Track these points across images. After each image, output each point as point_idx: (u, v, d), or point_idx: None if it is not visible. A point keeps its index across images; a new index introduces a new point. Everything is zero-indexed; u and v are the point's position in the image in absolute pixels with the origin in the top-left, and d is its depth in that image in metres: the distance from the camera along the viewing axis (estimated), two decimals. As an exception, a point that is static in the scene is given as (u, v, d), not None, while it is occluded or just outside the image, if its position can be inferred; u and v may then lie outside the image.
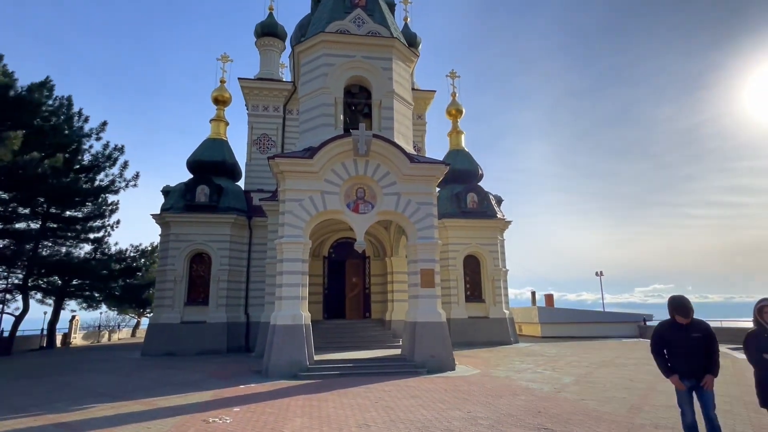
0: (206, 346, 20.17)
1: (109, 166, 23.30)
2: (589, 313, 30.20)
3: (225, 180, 23.15)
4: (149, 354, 19.91)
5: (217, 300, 20.99)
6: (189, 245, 21.23)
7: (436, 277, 14.39)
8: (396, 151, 14.51)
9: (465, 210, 23.82)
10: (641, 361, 15.52)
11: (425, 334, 13.69)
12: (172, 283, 20.86)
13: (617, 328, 28.54)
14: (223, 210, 21.73)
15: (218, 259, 21.19)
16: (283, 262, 13.70)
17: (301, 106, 16.43)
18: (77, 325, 31.70)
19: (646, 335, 27.48)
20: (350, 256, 20.22)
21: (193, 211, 21.48)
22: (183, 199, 21.78)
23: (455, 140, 26.88)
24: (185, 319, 20.76)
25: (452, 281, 22.95)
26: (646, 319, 28.75)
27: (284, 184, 14.30)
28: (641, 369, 13.69)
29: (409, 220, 14.53)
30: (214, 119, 24.81)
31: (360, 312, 19.97)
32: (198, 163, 23.25)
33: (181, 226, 21.33)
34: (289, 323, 13.17)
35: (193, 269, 21.63)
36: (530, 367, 14.50)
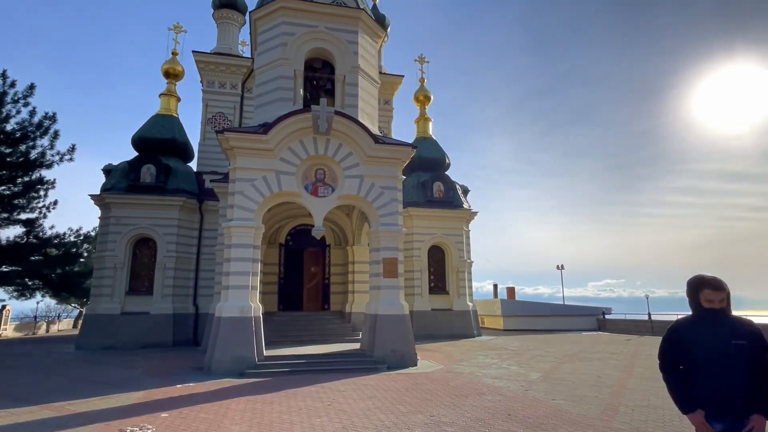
0: (149, 339, 18.52)
1: (39, 136, 20.81)
2: (550, 306, 30.29)
3: (175, 160, 21.32)
4: (85, 347, 18.05)
5: (163, 289, 19.30)
6: (132, 229, 19.37)
7: (399, 266, 13.44)
8: (360, 130, 13.39)
9: (431, 199, 23.02)
10: (605, 356, 15.21)
11: (386, 328, 12.73)
12: (112, 271, 18.99)
13: (577, 321, 28.71)
14: (171, 192, 19.96)
15: (164, 245, 19.45)
16: (231, 248, 12.37)
17: (257, 79, 14.99)
18: (8, 316, 28.92)
19: (605, 328, 27.79)
20: (309, 245, 18.98)
21: (138, 193, 19.63)
22: (126, 179, 19.85)
23: (422, 127, 25.98)
24: (126, 309, 18.98)
25: (416, 272, 22.16)
26: (605, 312, 29.06)
27: (235, 162, 12.91)
28: (607, 364, 13.28)
29: (371, 205, 13.48)
30: (165, 94, 22.79)
31: (319, 303, 18.81)
32: (145, 140, 21.26)
33: (123, 208, 19.43)
34: (236, 315, 11.89)
35: (136, 256, 19.80)
36: (495, 362, 13.85)
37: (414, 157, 24.85)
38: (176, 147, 21.67)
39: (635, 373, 11.66)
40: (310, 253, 19.23)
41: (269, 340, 15.09)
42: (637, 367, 12.67)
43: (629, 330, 25.98)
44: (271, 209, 17.01)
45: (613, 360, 14.11)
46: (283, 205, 16.76)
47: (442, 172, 24.18)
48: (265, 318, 17.01)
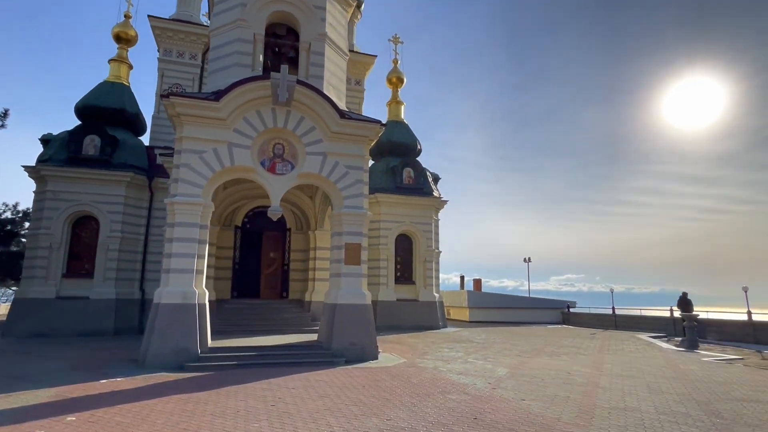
0: (88, 326, 16.85)
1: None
2: (516, 299, 30.07)
3: (123, 132, 19.45)
4: (14, 335, 16.21)
5: (105, 272, 17.60)
6: (71, 206, 17.51)
7: (362, 253, 12.44)
8: (324, 102, 12.20)
9: (400, 185, 22.07)
10: (572, 350, 14.75)
11: (346, 318, 11.74)
12: (47, 251, 17.12)
13: (542, 314, 28.60)
14: (118, 166, 18.18)
15: (108, 224, 17.72)
16: (174, 227, 11.02)
17: (212, 42, 13.53)
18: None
19: (570, 321, 27.77)
20: (269, 228, 17.69)
21: (79, 165, 17.74)
22: (66, 150, 17.91)
23: (395, 110, 24.90)
24: (63, 293, 17.19)
25: (382, 261, 21.25)
26: (570, 305, 29.07)
27: (182, 131, 11.51)
28: (575, 359, 12.75)
29: (335, 185, 12.37)
30: (115, 59, 20.77)
31: (277, 291, 17.59)
32: (90, 108, 19.28)
33: (61, 182, 17.52)
34: (178, 302, 10.61)
35: (76, 235, 17.97)
36: (460, 355, 13.11)
37: (384, 141, 24.00)
38: (126, 118, 19.79)
39: (605, 369, 11.12)
40: (269, 237, 17.94)
41: (220, 329, 13.90)
42: (606, 363, 12.18)
43: (593, 324, 26.00)
44: (227, 187, 15.68)
45: (581, 355, 13.62)
46: (241, 183, 15.48)
47: (412, 158, 23.24)
48: (217, 306, 15.80)
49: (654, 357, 13.42)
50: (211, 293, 15.50)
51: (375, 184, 21.87)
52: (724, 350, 15.93)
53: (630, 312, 26.85)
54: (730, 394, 8.54)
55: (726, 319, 20.71)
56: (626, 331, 22.91)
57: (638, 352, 14.58)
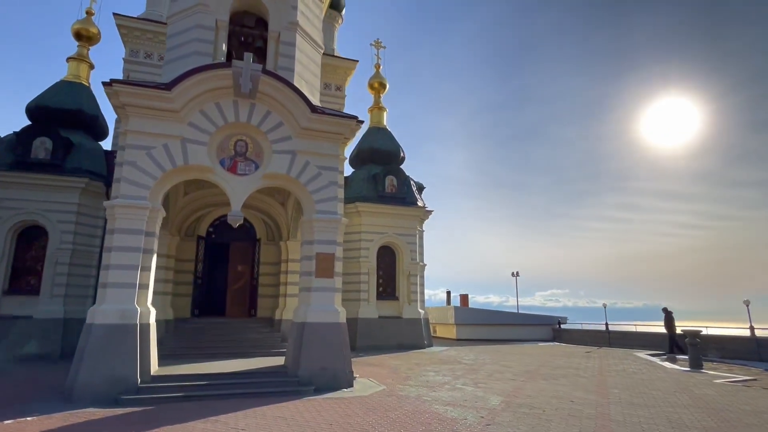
0: (31, 349, 14.91)
1: None
2: (505, 315, 28.69)
3: (80, 135, 17.79)
4: (-61, 360, 14.21)
5: (53, 289, 15.72)
6: (15, 214, 15.69)
7: (336, 264, 10.95)
8: (293, 94, 10.84)
9: (382, 194, 20.68)
10: (570, 372, 13.36)
11: (316, 339, 10.19)
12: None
13: (532, 331, 27.24)
14: (72, 171, 16.46)
15: (58, 235, 15.91)
16: (114, 234, 9.43)
17: (169, 30, 12.14)
18: None
19: (561, 338, 26.45)
20: (236, 239, 16.12)
21: (26, 170, 15.99)
22: (12, 154, 16.15)
23: (377, 116, 23.67)
24: (2, 312, 15.26)
25: (363, 275, 19.72)
26: (560, 321, 27.78)
27: (126, 124, 10.01)
28: (576, 383, 11.34)
29: (305, 187, 10.94)
30: (74, 58, 19.19)
31: (245, 308, 15.90)
32: (43, 109, 17.59)
33: (5, 188, 15.70)
34: (114, 322, 8.96)
35: (21, 247, 16.12)
36: (447, 380, 11.60)
37: (365, 148, 22.71)
38: (83, 120, 18.12)
39: (612, 396, 9.73)
40: (237, 249, 16.32)
41: (175, 352, 12.22)
42: (610, 387, 10.79)
43: (585, 341, 24.71)
44: (188, 192, 14.15)
45: (580, 378, 12.22)
46: (205, 188, 13.97)
47: (395, 166, 21.93)
48: (174, 325, 14.08)
49: (661, 379, 12.09)
50: (168, 311, 13.86)
51: (356, 193, 20.51)
52: (731, 369, 14.71)
53: (623, 328, 25.66)
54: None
55: (727, 335, 19.59)
56: (621, 348, 21.65)
57: (642, 373, 13.25)
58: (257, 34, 12.79)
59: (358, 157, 22.56)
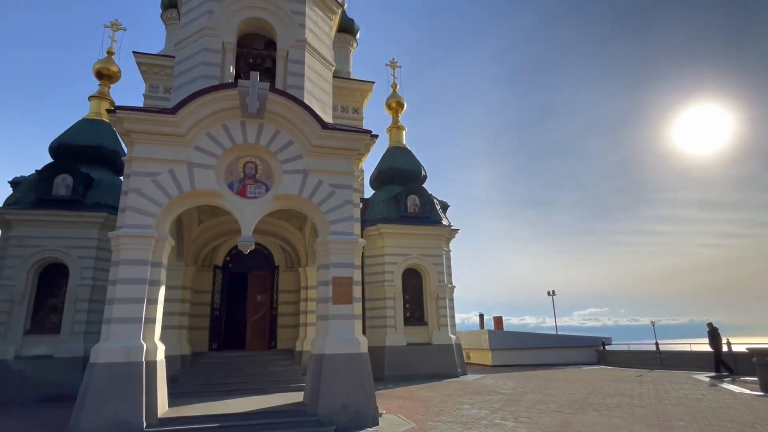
0: (51, 389, 14.48)
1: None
2: (544, 337, 26.92)
3: (101, 171, 17.87)
4: (-38, 404, 13.97)
5: (73, 326, 15.43)
6: (37, 252, 15.64)
7: (354, 289, 10.11)
8: (302, 111, 10.32)
9: (405, 214, 19.88)
10: (624, 401, 11.89)
11: (335, 373, 9.29)
12: (8, 305, 15.10)
13: (574, 354, 25.36)
14: (91, 207, 16.42)
15: (78, 272, 15.73)
16: (119, 266, 8.94)
17: (178, 56, 11.96)
18: None
19: (606, 361, 24.51)
20: (255, 267, 15.57)
21: (47, 207, 16.03)
22: (34, 192, 16.28)
23: (396, 136, 23.15)
24: (24, 353, 15.00)
25: (389, 300, 18.76)
26: (605, 342, 25.79)
27: (131, 151, 9.66)
28: (633, 415, 9.95)
29: (318, 208, 10.27)
30: (95, 96, 19.57)
31: (265, 340, 15.17)
32: (65, 147, 17.85)
33: (27, 226, 15.76)
34: (119, 360, 8.35)
35: (42, 286, 16.01)
36: (484, 414, 10.41)
37: (385, 168, 22.10)
38: (104, 155, 18.26)
39: (678, 428, 8.37)
40: (255, 278, 15.73)
41: (191, 390, 11.53)
42: (675, 418, 9.38)
43: (633, 363, 22.73)
44: (203, 221, 13.71)
45: (638, 408, 10.78)
46: (219, 215, 13.51)
47: (417, 185, 21.16)
48: (192, 360, 13.45)
49: (732, 407, 10.52)
50: (184, 346, 13.27)
51: (377, 215, 19.81)
52: (812, 392, 12.84)
53: (674, 347, 23.55)
54: None
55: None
56: (676, 370, 19.70)
57: (707, 399, 11.67)
58: (266, 54, 12.52)
59: (379, 178, 21.95)
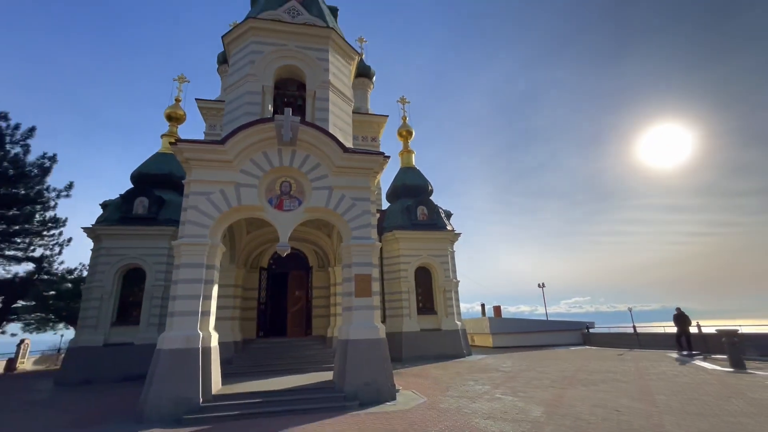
0: (132, 370, 14.55)
1: (41, 177, 17.87)
2: (537, 323, 25.89)
3: (171, 193, 18.11)
4: (64, 383, 14.12)
5: (149, 319, 15.53)
6: (121, 259, 15.88)
7: (373, 284, 9.79)
8: (327, 139, 10.18)
9: (415, 222, 19.52)
10: (608, 377, 11.15)
11: (359, 355, 8.94)
12: (98, 301, 15.33)
13: (563, 336, 24.29)
14: (163, 222, 16.62)
15: (153, 274, 15.88)
16: (180, 269, 8.85)
17: (226, 99, 12.03)
18: (26, 350, 24.85)
19: (590, 342, 23.38)
20: (294, 268, 15.39)
21: (129, 224, 16.29)
22: (118, 212, 16.60)
23: (406, 159, 22.90)
24: (111, 340, 15.14)
25: (404, 293, 18.32)
26: (588, 326, 24.66)
27: (190, 175, 9.65)
28: (618, 389, 9.28)
29: (342, 217, 10.04)
30: (166, 134, 20.00)
31: (303, 329, 14.92)
32: (142, 176, 18.22)
33: (113, 239, 16.04)
34: (180, 347, 8.20)
35: (126, 286, 16.19)
36: (486, 389, 9.88)
37: (399, 185, 21.81)
38: (173, 181, 18.52)
39: (660, 403, 7.71)
40: (294, 277, 15.55)
41: (242, 370, 11.30)
42: (656, 392, 8.69)
43: (615, 343, 21.61)
44: (250, 231, 13.63)
45: (621, 383, 10.08)
46: (263, 227, 13.44)
47: (425, 197, 20.79)
48: (243, 346, 13.27)
49: (707, 382, 9.73)
50: (237, 334, 13.10)
51: (393, 223, 19.50)
52: (778, 368, 11.85)
53: (651, 330, 22.31)
54: None
55: (762, 333, 16.25)
56: (652, 350, 18.60)
57: (684, 375, 10.85)
58: (297, 95, 12.47)
59: (393, 193, 21.70)
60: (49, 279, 21.50)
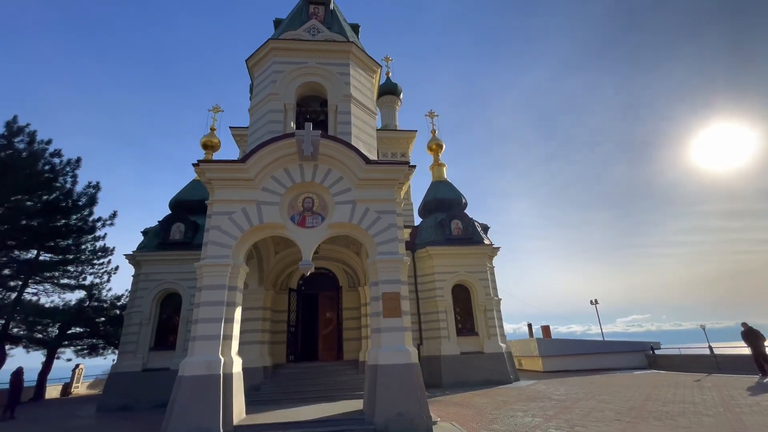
0: (168, 396, 14.46)
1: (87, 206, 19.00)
2: (591, 343, 23.51)
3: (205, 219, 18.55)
4: (106, 408, 14.33)
5: (185, 344, 15.55)
6: (158, 285, 16.24)
7: (403, 303, 9.04)
8: (349, 151, 9.80)
9: (449, 237, 18.58)
10: (686, 408, 9.45)
11: (389, 382, 8.14)
12: (137, 327, 15.66)
13: (622, 359, 21.80)
14: (197, 247, 16.85)
15: (188, 299, 16.04)
16: (201, 291, 8.62)
17: (250, 120, 12.12)
18: (81, 375, 26.07)
19: (657, 365, 20.76)
20: (324, 288, 14.94)
21: (166, 249, 16.74)
22: (157, 238, 17.15)
23: (437, 172, 22.21)
24: (149, 366, 15.29)
25: (441, 313, 17.24)
26: (654, 347, 21.98)
27: (212, 196, 9.58)
28: (700, 424, 7.71)
29: (366, 232, 9.49)
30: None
31: (334, 352, 14.28)
32: (179, 202, 18.86)
33: (151, 264, 16.50)
34: (201, 373, 7.85)
35: (164, 311, 16.48)
36: (538, 421, 8.64)
37: (430, 200, 21.05)
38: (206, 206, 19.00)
39: (762, 445, 6.20)
40: (325, 298, 15.08)
41: (271, 397, 10.78)
42: (753, 430, 7.09)
43: (687, 367, 18.97)
44: (278, 252, 13.41)
45: (705, 416, 8.44)
46: (291, 246, 13.17)
47: (459, 211, 19.86)
48: (272, 371, 12.82)
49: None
50: (266, 358, 12.69)
51: (425, 239, 18.70)
52: None
53: (732, 351, 19.41)
54: None
55: None
56: (735, 374, 16.02)
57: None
58: (320, 111, 12.35)
59: (425, 208, 20.96)
60: (98, 306, 22.59)
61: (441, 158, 22.82)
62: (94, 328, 23.15)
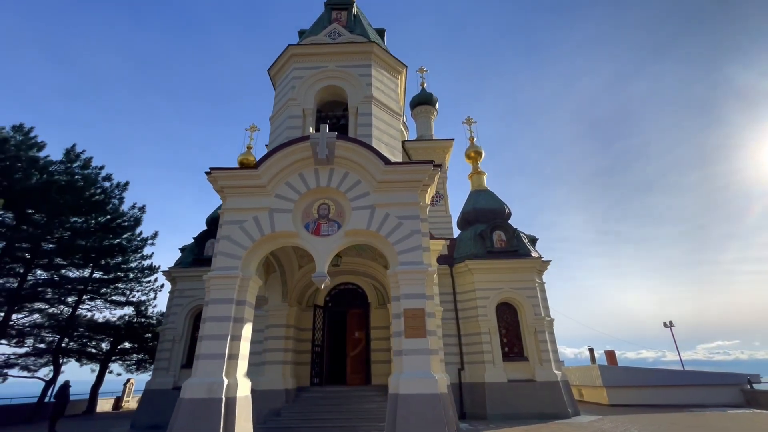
0: (198, 417, 14.15)
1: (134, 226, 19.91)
2: (668, 373, 20.10)
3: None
4: (138, 426, 14.27)
5: (215, 362, 15.29)
6: (192, 301, 16.27)
7: (428, 321, 7.83)
8: (366, 152, 8.99)
9: (491, 249, 16.92)
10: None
11: (410, 416, 6.90)
12: (170, 343, 15.68)
13: (711, 393, 18.26)
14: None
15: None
16: (208, 305, 8.05)
17: (271, 128, 11.79)
18: (131, 389, 27.05)
19: (758, 403, 17.08)
20: (352, 305, 13.99)
21: (200, 265, 16.83)
22: (192, 254, 17.37)
23: (477, 181, 20.74)
24: (180, 383, 15.08)
25: (484, 335, 15.49)
26: (752, 380, 18.23)
27: (224, 204, 9.15)
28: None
29: (386, 239, 8.50)
30: (238, 180, 21.11)
31: (362, 376, 13.12)
32: (215, 219, 19.08)
33: (186, 281, 16.63)
34: (201, 396, 7.14)
35: (196, 328, 16.41)
36: (602, 475, 6.85)
37: (469, 210, 19.56)
38: (241, 222, 19.13)
39: None
40: (353, 316, 14.08)
41: (289, 425, 9.90)
42: None
43: (800, 407, 15.33)
44: (302, 266, 12.75)
45: None
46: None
47: (502, 221, 18.16)
48: (294, 394, 11.91)
49: None
50: (288, 380, 11.86)
51: (464, 252, 17.22)
52: None
53: None
54: None
55: None
56: None
57: None
58: (341, 115, 11.76)
59: (464, 219, 19.51)
60: (145, 322, 23.44)
61: (480, 166, 21.38)
62: (141, 344, 23.98)
